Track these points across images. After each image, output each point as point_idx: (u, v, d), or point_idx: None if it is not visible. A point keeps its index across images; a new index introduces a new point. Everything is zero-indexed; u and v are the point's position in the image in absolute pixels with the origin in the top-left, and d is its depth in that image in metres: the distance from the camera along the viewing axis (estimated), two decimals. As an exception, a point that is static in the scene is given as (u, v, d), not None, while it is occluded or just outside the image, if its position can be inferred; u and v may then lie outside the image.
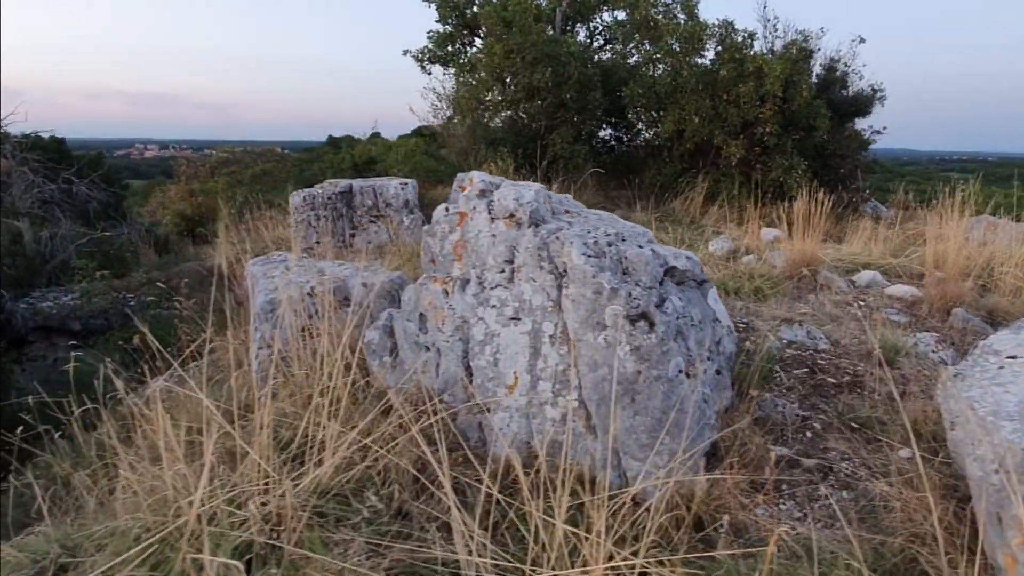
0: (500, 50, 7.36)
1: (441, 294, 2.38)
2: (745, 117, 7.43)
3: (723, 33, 8.03)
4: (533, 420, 2.17)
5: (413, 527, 1.81)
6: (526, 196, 2.18)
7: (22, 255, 7.26)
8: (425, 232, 2.71)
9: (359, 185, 5.08)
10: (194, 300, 5.60)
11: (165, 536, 1.62)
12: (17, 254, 7.23)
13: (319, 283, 3.01)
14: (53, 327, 6.56)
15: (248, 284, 3.65)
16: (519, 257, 2.17)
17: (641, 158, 9.27)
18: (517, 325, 2.19)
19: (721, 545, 1.74)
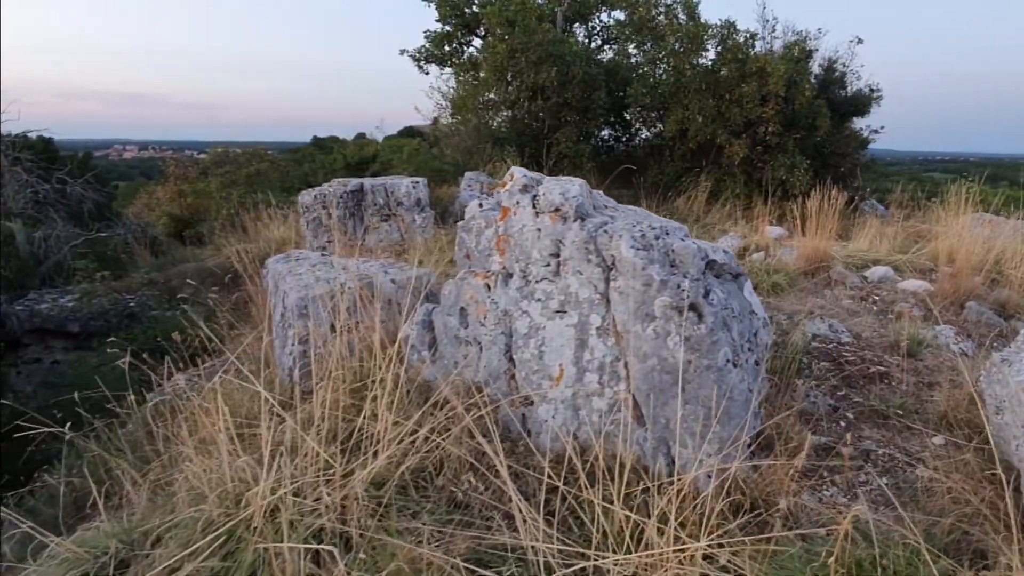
0: (503, 49, 7.38)
1: (483, 288, 2.39)
2: (747, 117, 7.53)
3: (724, 33, 8.12)
4: (579, 411, 2.18)
5: (474, 516, 1.81)
6: (572, 191, 2.20)
7: (15, 256, 7.11)
8: (460, 228, 2.72)
9: (370, 184, 5.06)
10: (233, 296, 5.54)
11: (232, 527, 1.61)
12: (10, 255, 7.08)
13: (348, 280, 3.00)
14: (50, 329, 6.44)
15: (268, 282, 3.62)
16: (565, 251, 2.19)
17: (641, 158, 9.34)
18: (563, 318, 2.20)
19: (778, 529, 1.77)
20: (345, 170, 16.51)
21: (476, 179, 5.94)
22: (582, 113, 7.80)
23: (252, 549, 1.53)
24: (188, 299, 6.54)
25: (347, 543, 1.61)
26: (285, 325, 2.91)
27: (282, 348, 2.96)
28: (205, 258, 7.75)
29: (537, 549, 1.61)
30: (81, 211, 7.76)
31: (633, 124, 9.41)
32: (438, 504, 1.85)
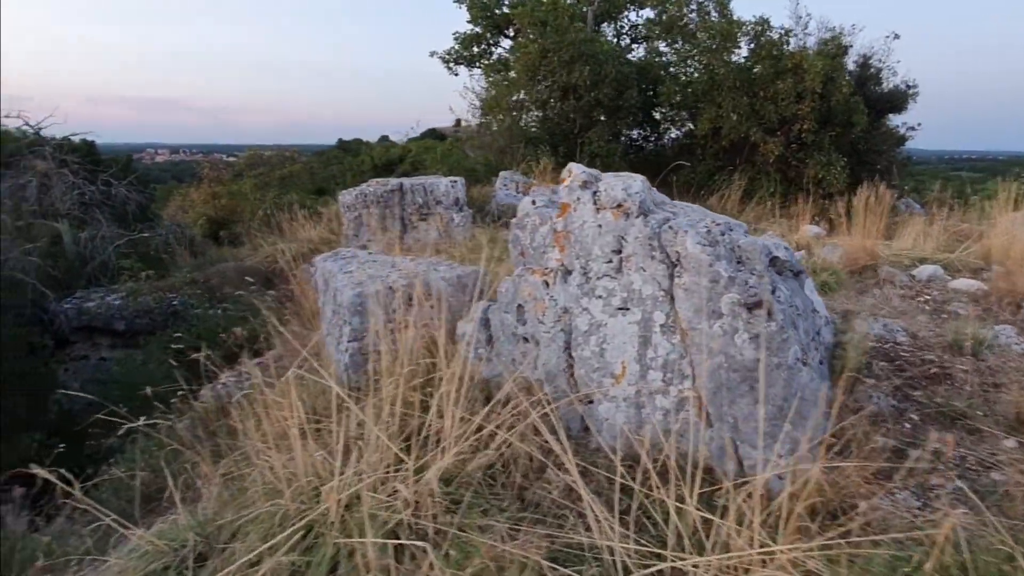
0: (535, 49, 7.37)
1: (541, 285, 2.38)
2: (782, 114, 7.41)
3: (758, 31, 8.00)
4: (643, 409, 2.16)
5: (544, 514, 1.81)
6: (634, 186, 2.18)
7: (62, 256, 7.34)
8: (513, 225, 2.72)
9: (409, 183, 5.10)
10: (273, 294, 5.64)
11: (310, 522, 1.63)
12: (58, 255, 7.31)
13: (399, 277, 3.02)
14: (97, 327, 6.63)
15: (317, 280, 3.67)
16: (628, 247, 2.17)
17: (670, 157, 9.25)
18: (625, 315, 2.18)
19: (858, 533, 1.72)
20: (373, 171, 16.69)
21: (511, 178, 5.95)
22: (613, 112, 7.75)
23: (332, 544, 1.54)
24: (229, 297, 6.68)
25: (423, 539, 1.62)
26: (339, 322, 2.95)
27: (335, 345, 2.99)
28: (243, 258, 7.90)
29: (613, 549, 1.59)
30: (125, 212, 7.97)
31: (662, 123, 9.34)
32: (507, 501, 1.85)
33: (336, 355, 3.03)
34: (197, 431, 2.96)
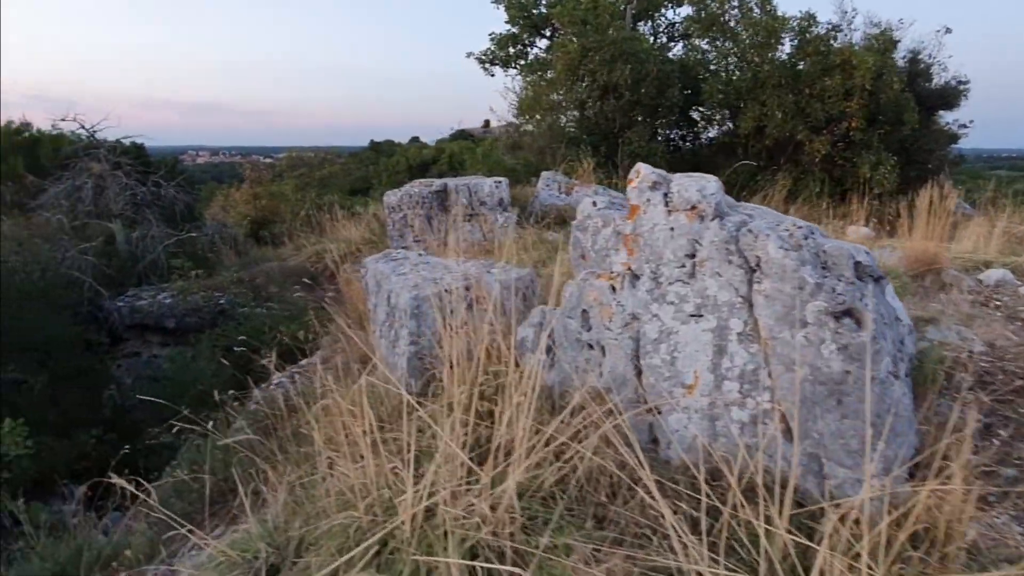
0: (575, 48, 7.28)
1: (608, 290, 2.31)
2: (829, 112, 7.15)
3: (802, 26, 7.75)
4: (716, 422, 2.07)
5: (622, 532, 1.74)
6: (709, 187, 2.09)
7: (115, 255, 7.57)
8: (574, 227, 2.65)
9: (454, 184, 5.07)
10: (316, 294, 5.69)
11: (384, 536, 1.59)
12: (111, 254, 7.54)
13: (454, 280, 2.98)
14: (148, 325, 6.81)
15: (368, 281, 3.66)
16: (702, 251, 2.08)
17: (708, 156, 9.05)
18: (699, 322, 2.09)
19: (965, 564, 1.60)
20: (407, 172, 16.84)
21: (553, 179, 5.88)
22: (653, 111, 7.61)
23: (410, 560, 1.50)
24: (274, 297, 6.78)
25: (501, 557, 1.56)
26: (395, 325, 2.93)
27: (390, 348, 2.97)
28: (286, 258, 8.03)
29: (702, 574, 1.51)
30: (174, 212, 8.18)
31: (698, 122, 9.12)
32: (581, 518, 1.78)
33: (390, 357, 3.01)
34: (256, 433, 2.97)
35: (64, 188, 7.36)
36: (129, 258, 7.70)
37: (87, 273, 6.58)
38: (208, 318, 6.53)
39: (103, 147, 7.68)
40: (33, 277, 5.09)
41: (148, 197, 7.72)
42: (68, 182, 7.43)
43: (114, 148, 7.86)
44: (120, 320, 6.77)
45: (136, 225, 7.89)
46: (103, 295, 6.67)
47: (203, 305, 6.37)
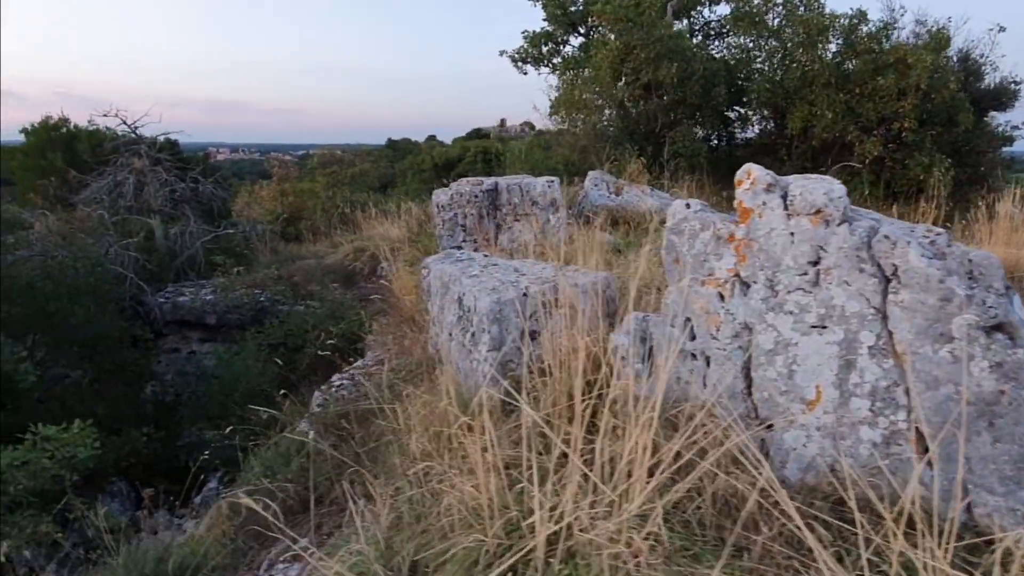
0: (618, 46, 7.15)
1: (715, 297, 2.18)
2: (881, 112, 6.93)
3: (852, 24, 7.53)
4: (842, 442, 1.93)
5: (759, 561, 1.61)
6: (836, 190, 1.95)
7: (155, 251, 7.58)
8: (668, 230, 2.52)
9: (505, 183, 4.97)
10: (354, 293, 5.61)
11: (514, 563, 1.49)
12: (151, 250, 7.55)
13: (530, 283, 2.87)
14: (188, 321, 6.80)
15: (431, 282, 3.57)
16: (828, 258, 1.94)
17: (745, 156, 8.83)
18: (823, 333, 1.96)
19: None
20: (432, 170, 16.80)
21: (601, 178, 5.75)
22: (697, 110, 7.45)
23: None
24: (314, 294, 6.74)
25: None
26: (469, 329, 2.82)
27: (464, 353, 2.87)
28: (323, 255, 7.99)
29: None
30: (211, 209, 8.18)
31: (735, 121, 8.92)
32: (706, 542, 1.66)
33: (463, 362, 2.91)
34: (326, 438, 2.89)
35: (106, 183, 7.38)
36: (168, 253, 7.71)
37: (129, 268, 6.58)
38: (249, 315, 6.50)
39: (144, 143, 7.70)
40: (82, 273, 5.09)
41: (187, 193, 7.72)
42: (109, 177, 7.45)
43: (154, 144, 7.87)
44: (161, 315, 6.77)
45: (174, 221, 7.89)
46: (145, 290, 6.67)
47: (244, 302, 6.33)
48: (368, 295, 6.89)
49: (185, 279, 7.67)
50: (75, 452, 2.70)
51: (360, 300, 6.70)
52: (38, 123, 10.49)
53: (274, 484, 2.46)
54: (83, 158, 9.11)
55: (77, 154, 9.87)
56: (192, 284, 7.39)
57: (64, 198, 7.85)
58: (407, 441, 2.17)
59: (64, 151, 10.01)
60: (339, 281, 7.33)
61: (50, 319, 4.53)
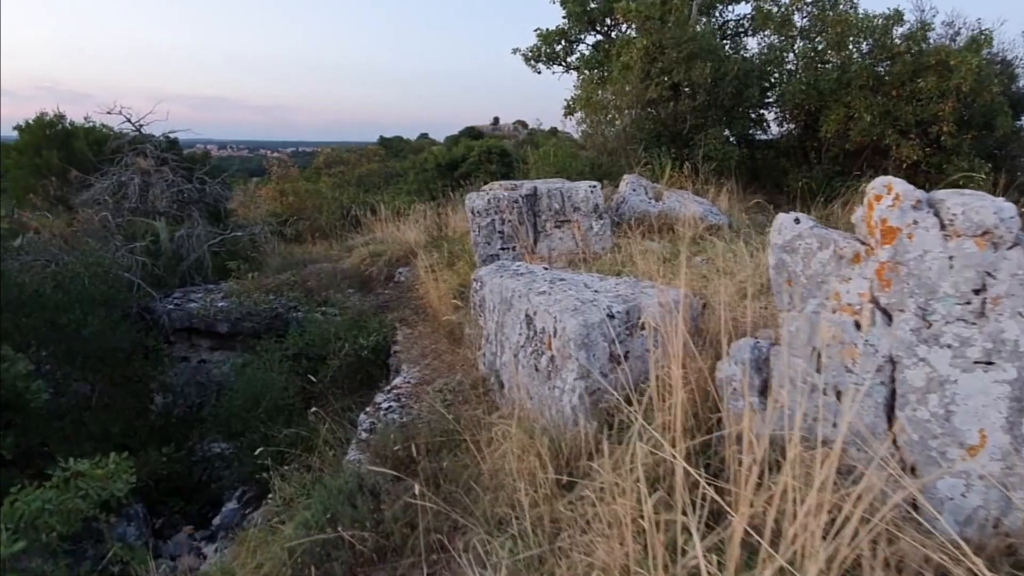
0: (645, 45, 6.92)
1: (851, 326, 1.95)
2: (920, 115, 6.75)
3: (886, 24, 7.34)
4: (1012, 492, 1.71)
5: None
6: (1007, 210, 1.73)
7: (160, 254, 7.24)
8: (779, 247, 2.28)
9: (545, 188, 4.72)
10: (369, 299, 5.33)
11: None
12: (156, 254, 7.21)
13: (609, 300, 2.63)
14: (198, 328, 6.48)
15: (487, 297, 3.31)
16: (997, 285, 1.72)
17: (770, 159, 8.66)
18: (988, 371, 1.73)
19: None
20: (435, 169, 16.48)
21: (638, 182, 5.51)
22: (728, 112, 7.24)
23: None
24: (330, 300, 6.44)
25: None
26: (544, 353, 2.56)
27: (540, 379, 2.61)
28: (337, 259, 7.68)
29: None
30: (218, 210, 7.85)
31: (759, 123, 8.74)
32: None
33: (535, 388, 2.66)
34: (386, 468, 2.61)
35: (109, 184, 7.03)
36: (173, 257, 7.38)
37: (136, 274, 6.25)
38: (263, 323, 6.19)
39: (149, 142, 7.35)
40: (94, 281, 4.77)
41: (195, 194, 7.38)
42: (113, 178, 7.10)
43: (159, 144, 7.53)
44: (170, 323, 6.44)
45: (179, 223, 7.56)
46: (153, 296, 6.34)
47: (263, 309, 6.02)
48: (387, 302, 6.61)
49: (191, 283, 7.34)
50: (112, 489, 2.42)
51: (379, 308, 6.41)
52: (32, 120, 10.09)
53: (329, 524, 2.19)
54: (80, 156, 8.74)
55: (74, 152, 9.48)
56: (200, 289, 7.05)
57: (64, 199, 7.49)
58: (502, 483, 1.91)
59: (60, 149, 9.62)
60: (355, 287, 7.04)
61: (61, 331, 4.22)
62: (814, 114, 7.38)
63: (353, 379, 5.35)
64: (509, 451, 2.23)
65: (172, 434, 5.50)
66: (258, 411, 4.63)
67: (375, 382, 5.59)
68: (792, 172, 7.89)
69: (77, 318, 4.28)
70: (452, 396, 3.32)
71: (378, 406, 3.42)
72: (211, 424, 4.84)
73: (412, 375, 3.93)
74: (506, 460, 2.20)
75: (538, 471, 2.04)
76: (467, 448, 2.53)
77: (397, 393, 3.54)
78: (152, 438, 5.27)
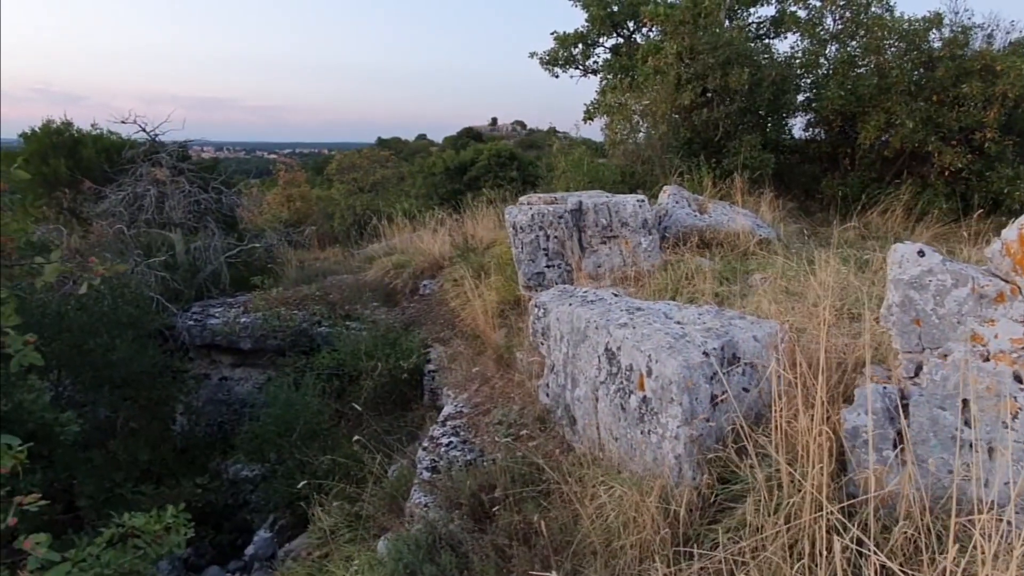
0: (677, 49, 6.72)
1: (1008, 377, 1.75)
2: (963, 121, 6.56)
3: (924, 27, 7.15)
4: None
5: None
6: None
7: (177, 267, 7.03)
8: (903, 283, 2.08)
9: (591, 203, 4.51)
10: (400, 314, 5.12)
11: None
12: (173, 267, 6.99)
13: (699, 334, 2.43)
14: (219, 345, 6.26)
15: (548, 324, 3.10)
16: None
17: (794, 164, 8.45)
18: None
19: None
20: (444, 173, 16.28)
21: (679, 194, 5.31)
22: (763, 118, 7.04)
23: None
24: (353, 314, 6.23)
25: None
26: (630, 391, 2.36)
27: (629, 424, 2.41)
28: (358, 270, 7.46)
29: None
30: (233, 220, 7.63)
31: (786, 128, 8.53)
32: None
33: (620, 429, 2.45)
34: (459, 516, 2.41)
35: (124, 196, 6.81)
36: (189, 269, 7.16)
37: (155, 289, 6.03)
38: (288, 339, 5.98)
39: (165, 151, 7.13)
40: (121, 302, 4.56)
41: (211, 204, 7.16)
42: (128, 189, 6.88)
43: (175, 153, 7.31)
44: (190, 339, 6.23)
45: (195, 234, 7.34)
46: (172, 312, 6.12)
47: (283, 325, 5.80)
48: (415, 317, 6.40)
49: (208, 296, 7.12)
50: (169, 545, 2.22)
51: (407, 323, 6.20)
52: (39, 127, 9.85)
53: None
54: (88, 164, 8.50)
55: (82, 160, 9.24)
56: (219, 303, 6.83)
57: (75, 210, 7.27)
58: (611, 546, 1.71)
59: (67, 157, 9.39)
60: (379, 300, 6.82)
61: (87, 356, 4.00)
62: (850, 119, 7.18)
63: (387, 400, 5.14)
64: (611, 507, 2.02)
65: (196, 456, 5.28)
66: (292, 437, 4.42)
67: (409, 403, 5.38)
68: (825, 179, 7.69)
69: (104, 342, 4.07)
70: (515, 430, 3.11)
71: (436, 441, 3.21)
72: (242, 450, 4.63)
73: (461, 402, 3.72)
74: (610, 519, 1.99)
75: (653, 536, 1.83)
76: (553, 496, 2.32)
77: (453, 425, 3.33)
78: (179, 464, 5.05)
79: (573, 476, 2.35)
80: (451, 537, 2.33)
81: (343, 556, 3.31)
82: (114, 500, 4.07)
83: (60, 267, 2.16)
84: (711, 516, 1.94)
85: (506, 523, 2.27)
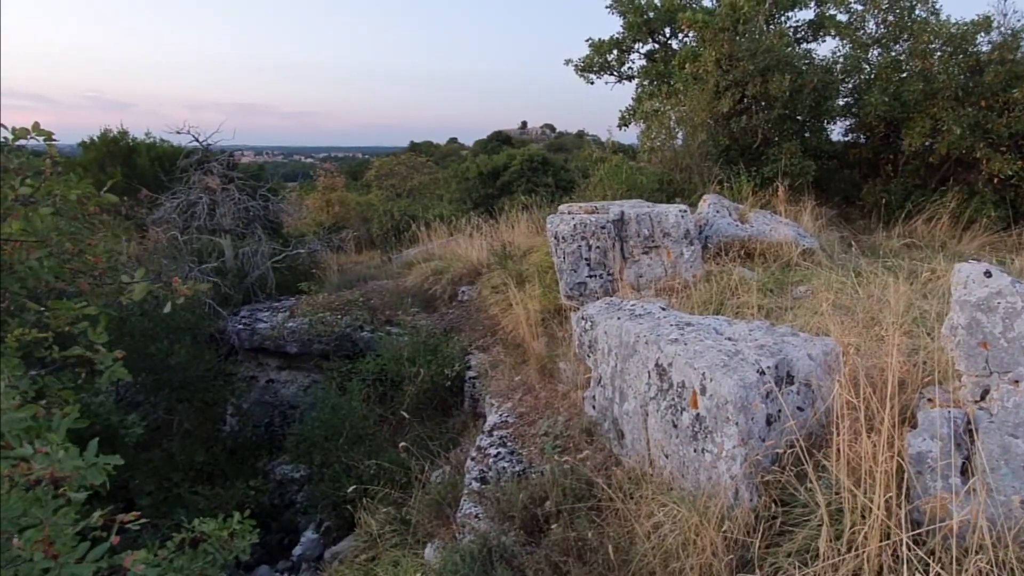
0: (716, 56, 6.68)
1: (1082, 406, 1.73)
2: (1014, 127, 6.35)
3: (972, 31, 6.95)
4: None
5: None
6: None
7: (226, 273, 7.29)
8: (970, 305, 2.07)
9: (634, 213, 4.54)
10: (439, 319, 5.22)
11: None
12: (223, 272, 7.25)
13: (752, 352, 2.44)
14: (266, 348, 6.47)
15: (596, 337, 3.14)
16: None
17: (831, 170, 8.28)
18: None
19: None
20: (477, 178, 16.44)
21: (720, 203, 5.29)
22: (804, 125, 6.94)
23: None
24: (394, 319, 6.36)
25: None
26: (683, 409, 2.39)
27: (681, 442, 2.44)
28: (398, 275, 7.62)
29: None
30: (279, 225, 7.88)
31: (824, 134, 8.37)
32: None
33: (677, 450, 2.48)
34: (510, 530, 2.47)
35: (179, 203, 7.11)
36: (237, 274, 7.41)
37: (207, 293, 6.27)
38: (332, 343, 6.15)
39: (216, 160, 7.42)
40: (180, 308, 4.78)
41: (260, 211, 7.41)
42: (181, 197, 7.18)
43: (224, 161, 7.59)
44: (239, 342, 6.45)
45: (243, 240, 7.60)
46: (223, 316, 6.36)
47: (327, 330, 5.97)
48: (454, 323, 6.51)
49: (255, 300, 7.37)
50: (236, 550, 2.34)
51: (447, 329, 6.31)
52: (97, 136, 10.33)
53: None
54: (142, 172, 8.88)
55: (136, 168, 9.66)
56: (265, 307, 7.06)
57: (132, 217, 7.61)
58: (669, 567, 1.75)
59: (122, 165, 9.81)
60: (418, 305, 6.96)
61: (149, 360, 4.22)
62: (894, 125, 7.03)
63: (428, 406, 5.25)
64: (668, 527, 2.06)
65: (245, 457, 5.47)
66: (338, 440, 4.56)
67: (449, 408, 5.48)
68: (866, 185, 7.54)
69: (164, 347, 4.28)
70: (562, 442, 3.17)
71: (483, 451, 3.28)
72: (289, 452, 4.79)
73: (505, 411, 3.79)
74: (667, 540, 2.03)
75: (715, 559, 1.86)
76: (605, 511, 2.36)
77: (500, 436, 3.40)
78: (229, 465, 5.24)
79: (624, 491, 2.39)
80: (505, 550, 2.39)
81: (390, 560, 3.41)
82: (171, 500, 4.26)
83: (148, 286, 2.30)
84: (769, 539, 1.96)
85: (560, 538, 2.32)
